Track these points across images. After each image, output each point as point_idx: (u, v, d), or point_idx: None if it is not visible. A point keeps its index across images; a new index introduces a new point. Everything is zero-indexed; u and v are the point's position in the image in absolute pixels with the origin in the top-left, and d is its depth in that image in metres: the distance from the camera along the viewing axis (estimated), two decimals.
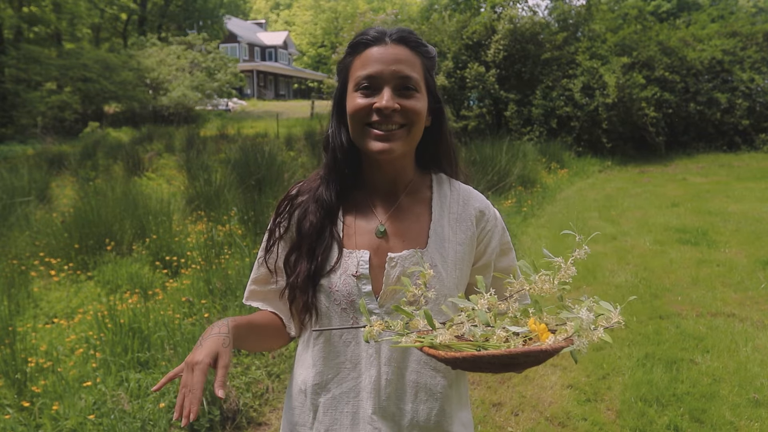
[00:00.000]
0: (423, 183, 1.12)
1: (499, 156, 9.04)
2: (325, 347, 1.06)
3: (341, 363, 1.05)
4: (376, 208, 1.08)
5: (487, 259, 1.11)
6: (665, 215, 7.48)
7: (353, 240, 1.06)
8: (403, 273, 1.01)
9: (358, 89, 1.01)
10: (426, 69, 1.05)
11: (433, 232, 1.06)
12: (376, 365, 1.03)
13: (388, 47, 1.01)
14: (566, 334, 0.77)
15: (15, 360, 2.96)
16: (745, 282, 4.74)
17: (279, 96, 43.26)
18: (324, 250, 1.05)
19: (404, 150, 1.02)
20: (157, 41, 24.41)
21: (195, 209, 6.68)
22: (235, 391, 2.90)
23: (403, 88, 1.00)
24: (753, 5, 25.09)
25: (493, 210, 1.14)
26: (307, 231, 1.06)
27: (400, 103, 0.99)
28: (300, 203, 1.10)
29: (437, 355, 0.79)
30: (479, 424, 2.77)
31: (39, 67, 19.04)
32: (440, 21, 15.37)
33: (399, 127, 1.00)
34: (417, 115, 1.01)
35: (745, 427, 2.71)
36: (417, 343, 0.80)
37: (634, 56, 13.71)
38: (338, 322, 1.04)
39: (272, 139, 14.50)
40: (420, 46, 1.04)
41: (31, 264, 4.84)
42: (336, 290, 1.03)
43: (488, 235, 1.11)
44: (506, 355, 0.75)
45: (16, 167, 9.36)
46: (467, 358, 0.77)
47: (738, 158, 13.00)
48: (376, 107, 0.99)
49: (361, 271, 1.02)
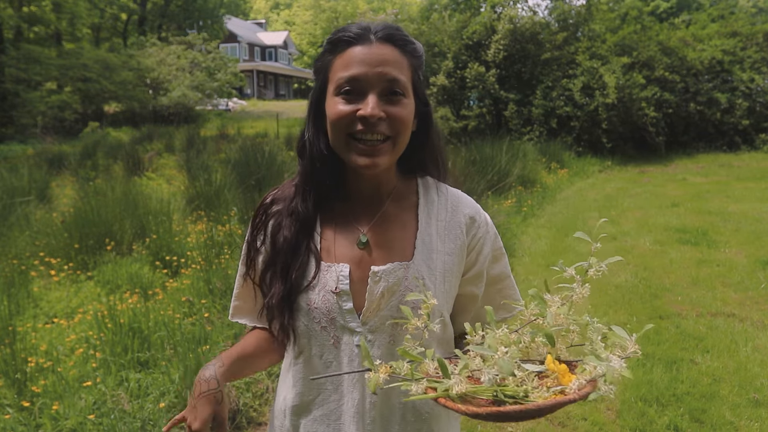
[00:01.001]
0: (408, 189, 1.03)
1: (499, 156, 9.04)
2: (305, 368, 1.00)
3: (322, 384, 0.99)
4: (358, 217, 1.00)
5: (479, 268, 1.03)
6: (665, 215, 7.48)
7: (332, 253, 0.97)
8: (386, 289, 0.94)
9: (339, 93, 0.91)
10: (414, 70, 0.95)
11: (419, 242, 0.98)
12: (360, 387, 0.96)
13: (373, 46, 0.90)
14: (588, 375, 0.71)
15: (15, 360, 2.96)
16: (745, 282, 4.74)
17: (279, 96, 43.26)
18: (300, 266, 0.97)
19: (390, 162, 0.95)
20: (157, 41, 24.41)
21: (195, 209, 6.68)
22: (235, 391, 2.90)
23: (390, 92, 0.90)
24: (753, 5, 25.10)
25: (484, 215, 1.05)
26: (281, 246, 0.98)
27: (386, 110, 0.89)
28: (274, 213, 1.02)
29: (456, 409, 0.71)
30: (479, 425, 2.77)
31: (39, 67, 19.04)
32: (440, 21, 15.38)
33: (384, 140, 0.91)
34: (404, 125, 0.92)
35: (745, 427, 2.71)
36: (431, 393, 0.73)
37: (634, 56, 13.71)
38: (318, 342, 0.97)
39: (272, 139, 14.50)
40: (408, 44, 0.94)
41: (31, 264, 4.84)
42: (315, 308, 0.95)
43: (480, 242, 1.02)
44: (533, 409, 0.68)
45: (16, 167, 9.37)
46: (491, 414, 0.69)
47: (738, 158, 12.99)
48: (360, 115, 0.89)
49: (341, 287, 0.94)
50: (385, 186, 1.01)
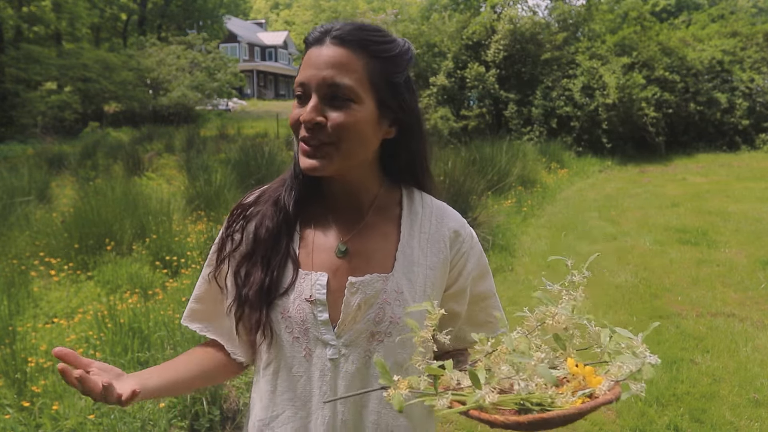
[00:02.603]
0: (392, 199, 0.99)
1: (499, 156, 9.04)
2: (272, 380, 0.94)
3: (289, 399, 0.93)
4: (339, 225, 0.95)
5: (462, 284, 0.99)
6: (665, 215, 7.48)
7: (310, 259, 0.93)
8: (363, 300, 0.90)
9: (295, 97, 0.89)
10: (376, 72, 0.87)
11: (400, 254, 0.94)
12: (331, 405, 0.91)
13: (323, 48, 0.86)
14: (614, 376, 0.69)
15: (15, 360, 2.96)
16: (745, 282, 4.74)
17: (279, 96, 43.28)
18: (279, 264, 0.92)
19: (339, 168, 0.88)
20: (157, 41, 24.41)
21: (195, 209, 6.68)
22: (235, 391, 2.90)
23: (332, 97, 0.85)
24: (753, 5, 25.10)
25: (469, 230, 1.01)
26: (263, 237, 0.94)
27: (328, 115, 0.85)
28: (255, 213, 0.97)
29: (492, 420, 0.67)
30: (479, 424, 2.77)
31: (39, 66, 19.04)
32: (440, 21, 15.39)
33: (328, 143, 0.86)
34: (346, 131, 0.85)
35: (745, 427, 2.71)
36: (459, 407, 0.70)
37: (634, 56, 13.71)
38: (289, 353, 0.92)
39: (272, 139, 14.51)
40: (368, 44, 0.86)
41: (31, 264, 4.84)
42: (288, 316, 0.91)
43: (463, 257, 0.98)
44: (577, 414, 0.65)
45: (16, 167, 9.36)
46: (533, 422, 0.66)
47: (738, 158, 12.99)
48: (300, 120, 0.86)
49: (316, 296, 0.90)
50: (365, 195, 0.96)
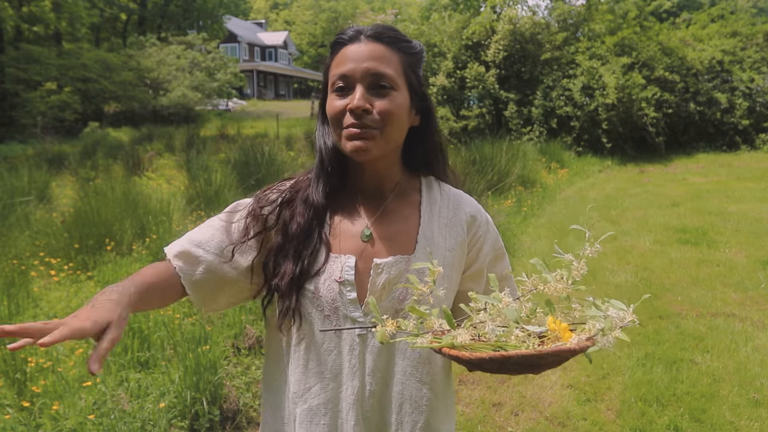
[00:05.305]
0: (411, 186, 1.08)
1: (499, 156, 9.03)
2: (305, 355, 1.01)
3: (321, 372, 1.00)
4: (363, 210, 1.04)
5: (479, 265, 1.08)
6: (665, 215, 7.48)
7: (338, 243, 1.01)
8: (388, 281, 0.98)
9: (334, 90, 0.97)
10: (407, 65, 0.99)
11: (421, 236, 1.02)
12: (360, 376, 0.98)
13: (362, 44, 0.96)
14: (588, 333, 0.74)
15: (15, 360, 2.96)
16: (745, 282, 4.74)
17: (279, 96, 43.25)
18: (311, 253, 0.99)
19: (381, 151, 0.97)
20: (157, 41, 24.41)
21: (195, 209, 6.68)
22: (235, 391, 2.90)
23: (377, 86, 0.95)
24: (753, 5, 25.10)
25: (485, 215, 1.10)
26: (294, 233, 1.00)
27: (373, 103, 0.94)
28: (289, 200, 1.04)
29: (460, 356, 0.74)
30: (479, 424, 2.77)
31: (39, 67, 19.05)
32: (440, 21, 15.38)
33: (374, 128, 0.95)
34: (391, 116, 0.95)
35: (745, 427, 2.71)
36: (434, 344, 0.76)
37: (633, 56, 13.70)
38: (320, 330, 0.99)
39: (272, 139, 14.50)
40: (398, 41, 0.99)
41: (31, 264, 4.84)
42: (320, 296, 0.98)
43: (480, 240, 1.07)
44: (535, 355, 0.71)
45: (16, 167, 9.35)
46: (494, 359, 0.72)
47: (738, 158, 12.99)
48: (348, 108, 0.94)
49: (345, 277, 0.97)
50: (388, 181, 1.05)
